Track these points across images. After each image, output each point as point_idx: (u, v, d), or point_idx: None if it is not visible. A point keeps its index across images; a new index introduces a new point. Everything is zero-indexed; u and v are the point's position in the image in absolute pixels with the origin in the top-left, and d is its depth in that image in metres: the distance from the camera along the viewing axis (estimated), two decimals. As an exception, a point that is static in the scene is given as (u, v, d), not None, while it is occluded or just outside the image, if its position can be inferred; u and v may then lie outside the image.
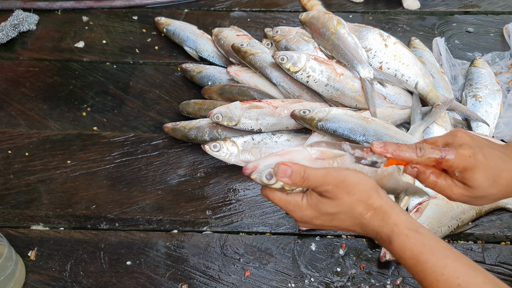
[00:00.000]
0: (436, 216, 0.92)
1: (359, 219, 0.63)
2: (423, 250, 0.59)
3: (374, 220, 0.62)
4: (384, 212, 0.62)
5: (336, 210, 0.62)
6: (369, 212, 0.62)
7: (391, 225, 0.61)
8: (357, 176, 0.62)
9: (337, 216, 0.63)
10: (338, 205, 0.62)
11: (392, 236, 0.61)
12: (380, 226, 0.62)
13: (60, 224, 0.99)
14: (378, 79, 1.12)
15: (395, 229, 0.61)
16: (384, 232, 0.62)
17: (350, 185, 0.61)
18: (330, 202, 0.62)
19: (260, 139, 1.07)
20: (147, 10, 1.53)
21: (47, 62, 1.36)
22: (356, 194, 0.62)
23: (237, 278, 0.90)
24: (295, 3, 1.53)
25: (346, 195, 0.61)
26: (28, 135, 1.16)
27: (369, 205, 0.62)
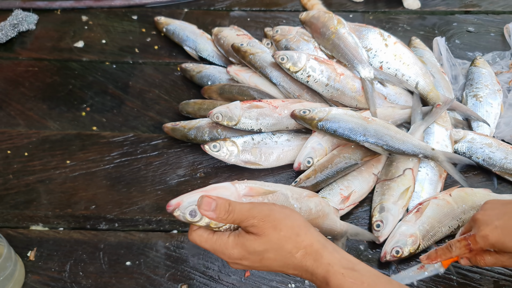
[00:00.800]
0: (437, 216, 0.92)
1: (290, 258, 0.60)
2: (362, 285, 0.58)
3: (306, 260, 0.60)
4: (315, 251, 0.60)
5: (263, 247, 0.60)
6: (300, 251, 0.60)
7: (325, 265, 0.59)
8: (283, 211, 0.61)
9: (266, 255, 0.60)
10: (265, 242, 0.59)
11: (328, 277, 0.59)
12: (313, 266, 0.60)
13: (60, 224, 0.99)
14: (379, 79, 1.12)
15: (330, 269, 0.59)
16: (319, 273, 0.59)
17: (276, 219, 0.59)
18: (257, 239, 0.59)
19: (260, 139, 1.07)
20: (146, 10, 1.52)
21: (46, 62, 1.36)
22: (283, 230, 0.59)
23: (237, 278, 0.89)
24: (295, 2, 1.52)
25: (273, 231, 0.59)
26: (27, 135, 1.16)
27: (298, 243, 0.60)
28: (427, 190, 1.00)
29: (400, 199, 0.96)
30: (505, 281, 0.86)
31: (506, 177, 1.02)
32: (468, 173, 1.05)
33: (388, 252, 0.88)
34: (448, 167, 1.00)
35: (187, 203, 0.59)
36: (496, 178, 1.03)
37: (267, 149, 1.06)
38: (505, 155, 1.02)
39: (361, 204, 1.00)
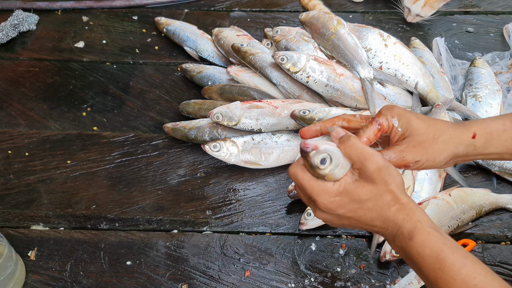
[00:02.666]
0: (436, 216, 0.92)
1: (385, 210, 0.63)
2: (444, 248, 0.60)
3: (399, 214, 0.62)
4: (409, 208, 0.63)
5: (368, 196, 0.62)
6: (396, 205, 0.62)
7: (415, 221, 0.62)
8: (396, 170, 0.63)
9: (365, 205, 0.63)
10: (372, 191, 0.62)
11: (414, 232, 0.61)
12: (403, 220, 0.62)
13: (60, 224, 0.99)
14: (378, 79, 1.12)
15: (418, 225, 0.61)
16: (406, 227, 0.62)
17: (390, 174, 0.62)
18: (366, 186, 0.62)
19: (260, 139, 1.07)
20: (147, 10, 1.53)
21: (47, 62, 1.36)
22: (391, 184, 0.62)
23: (237, 278, 0.90)
24: (295, 3, 1.53)
25: (383, 184, 0.62)
26: (28, 135, 1.16)
27: (398, 199, 0.62)
28: (427, 190, 1.00)
29: (400, 199, 0.96)
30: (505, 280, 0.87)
31: (506, 177, 1.02)
32: (468, 173, 1.05)
33: (387, 252, 0.89)
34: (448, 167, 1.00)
35: (324, 149, 0.61)
36: (495, 178, 1.03)
37: (267, 149, 1.06)
38: (504, 155, 1.02)
39: (360, 204, 1.00)
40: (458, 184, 1.00)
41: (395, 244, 0.64)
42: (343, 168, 0.62)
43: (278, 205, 1.01)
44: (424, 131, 0.68)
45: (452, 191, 0.97)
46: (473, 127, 0.71)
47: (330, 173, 0.61)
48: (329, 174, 0.61)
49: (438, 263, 0.59)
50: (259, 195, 1.03)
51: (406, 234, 0.62)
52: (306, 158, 0.61)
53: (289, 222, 0.98)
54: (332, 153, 0.61)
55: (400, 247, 0.63)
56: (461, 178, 1.00)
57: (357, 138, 0.63)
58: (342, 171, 0.62)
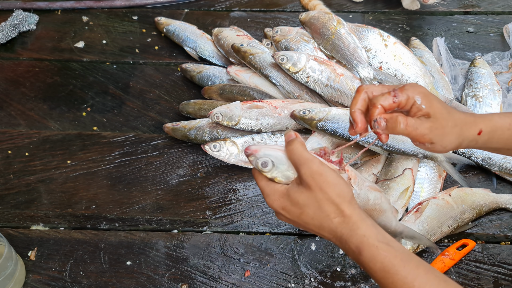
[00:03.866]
0: (436, 216, 0.92)
1: (326, 221, 0.62)
2: (395, 262, 0.59)
3: (342, 227, 0.62)
4: (353, 222, 0.61)
5: (305, 202, 0.62)
6: (338, 218, 0.62)
7: (360, 236, 0.61)
8: (336, 179, 0.62)
9: (305, 210, 0.62)
10: (308, 197, 0.62)
11: (362, 247, 0.60)
12: (348, 235, 0.61)
13: (60, 224, 0.99)
14: (378, 79, 1.12)
15: (364, 240, 0.60)
16: (353, 242, 0.61)
17: (325, 181, 0.61)
18: (303, 191, 0.62)
19: (260, 139, 1.07)
20: (147, 10, 1.53)
21: (47, 62, 1.36)
22: (328, 193, 0.61)
23: (237, 278, 0.90)
24: (295, 3, 1.53)
25: (319, 190, 0.61)
26: (28, 135, 1.16)
27: (340, 210, 0.61)
28: (427, 190, 1.00)
29: (400, 199, 0.96)
30: (504, 280, 0.87)
31: (506, 177, 1.02)
32: (468, 173, 1.05)
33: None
34: (448, 167, 1.00)
35: (263, 153, 0.64)
36: (495, 178, 1.03)
37: (267, 149, 1.06)
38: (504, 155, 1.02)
39: (360, 204, 1.00)
40: (458, 184, 1.00)
41: (349, 256, 0.63)
42: (289, 170, 0.64)
43: (278, 205, 1.01)
44: (446, 117, 0.67)
45: (452, 191, 0.97)
46: (481, 124, 0.70)
47: (275, 176, 0.64)
48: (276, 177, 0.64)
49: (390, 277, 0.59)
50: (259, 195, 1.03)
51: (355, 249, 0.61)
52: (250, 161, 0.65)
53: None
54: (274, 158, 0.64)
55: (353, 259, 0.62)
56: (461, 178, 1.00)
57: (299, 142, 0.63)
58: (288, 174, 0.64)
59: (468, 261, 0.90)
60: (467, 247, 0.91)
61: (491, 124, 0.70)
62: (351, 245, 0.61)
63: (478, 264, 0.89)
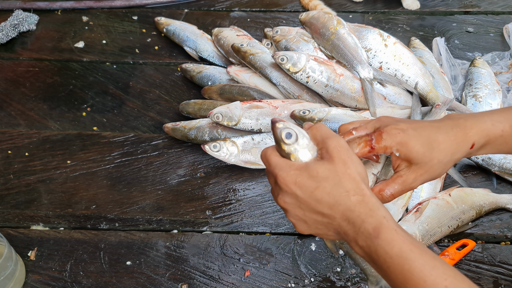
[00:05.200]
0: (436, 216, 0.92)
1: (344, 198, 0.58)
2: (413, 248, 0.56)
3: (361, 206, 0.58)
4: (373, 203, 0.58)
5: (325, 174, 0.58)
6: (357, 196, 0.58)
7: (380, 217, 0.57)
8: (358, 159, 0.61)
9: (322, 184, 0.58)
10: (330, 169, 0.59)
11: (381, 229, 0.56)
12: (366, 215, 0.57)
13: (60, 224, 0.99)
14: (378, 79, 1.12)
15: (384, 222, 0.57)
16: (372, 222, 0.57)
17: (350, 157, 0.60)
18: (324, 163, 0.59)
19: (260, 139, 1.07)
20: (147, 10, 1.53)
21: (47, 62, 1.36)
22: (350, 169, 0.59)
23: (237, 278, 0.90)
24: (295, 3, 1.53)
25: (342, 164, 0.59)
26: (28, 135, 1.17)
27: (360, 189, 0.59)
28: (427, 190, 1.00)
29: (400, 199, 0.96)
30: (504, 280, 0.87)
31: (506, 177, 1.02)
32: (468, 173, 1.05)
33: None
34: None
35: (290, 125, 0.62)
36: (495, 178, 1.03)
37: (267, 149, 1.06)
38: (505, 155, 1.02)
39: (360, 204, 1.00)
40: (458, 184, 1.00)
41: (358, 244, 0.59)
42: (309, 150, 0.62)
43: (278, 205, 1.01)
44: (429, 156, 0.65)
45: (452, 191, 0.97)
46: (474, 136, 0.67)
47: (294, 152, 0.61)
48: (294, 153, 0.61)
49: (407, 264, 0.55)
50: (259, 195, 1.03)
51: (372, 231, 0.57)
52: (274, 130, 0.62)
53: (289, 222, 0.98)
54: (299, 132, 0.62)
55: (364, 246, 0.58)
56: (461, 178, 1.00)
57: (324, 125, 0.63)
58: (307, 153, 0.62)
59: (468, 261, 0.90)
60: (467, 247, 0.91)
61: (484, 133, 0.68)
62: (368, 226, 0.57)
63: (478, 264, 0.89)
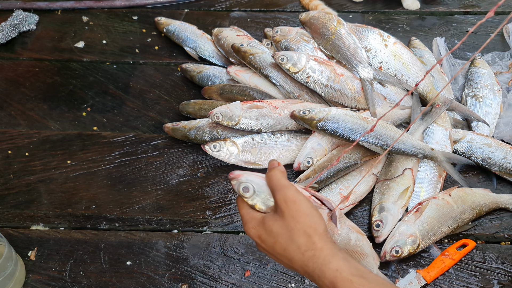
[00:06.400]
0: (436, 216, 0.92)
1: (297, 254, 0.61)
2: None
3: (314, 262, 0.60)
4: (324, 257, 0.60)
5: (278, 230, 0.61)
6: (309, 252, 0.60)
7: (333, 270, 0.59)
8: (309, 209, 0.62)
9: (278, 240, 0.62)
10: (281, 226, 0.61)
11: (336, 283, 0.59)
12: (321, 270, 0.60)
13: (60, 224, 0.99)
14: (378, 79, 1.12)
15: (338, 275, 0.59)
16: (327, 277, 0.59)
17: (298, 210, 0.61)
18: (277, 219, 0.62)
19: (260, 139, 1.07)
20: (147, 10, 1.53)
21: (47, 62, 1.36)
22: (300, 222, 0.60)
23: (237, 278, 0.90)
24: (295, 3, 1.53)
25: (291, 218, 0.61)
26: (28, 135, 1.16)
27: (311, 242, 0.60)
28: (427, 190, 1.00)
29: (400, 199, 0.96)
30: (504, 280, 0.87)
31: (506, 177, 1.02)
32: (468, 173, 1.05)
33: (387, 252, 0.89)
34: (448, 167, 1.00)
35: (245, 179, 0.65)
36: (495, 178, 1.03)
37: (267, 149, 1.06)
38: (505, 155, 1.02)
39: (360, 204, 1.00)
40: (458, 184, 1.00)
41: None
42: (270, 200, 0.64)
43: (278, 205, 1.01)
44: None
45: (452, 191, 0.97)
46: None
47: (256, 203, 0.64)
48: (256, 204, 0.64)
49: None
50: (259, 195, 1.03)
51: (329, 284, 0.59)
52: (232, 185, 0.65)
53: (289, 222, 0.98)
54: (255, 183, 0.64)
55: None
56: (461, 178, 1.00)
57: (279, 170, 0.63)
58: (269, 203, 0.64)
59: (468, 261, 0.90)
60: (467, 247, 0.91)
61: None
62: (325, 281, 0.59)
63: (478, 264, 0.89)
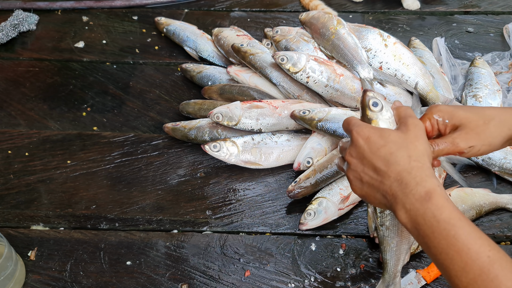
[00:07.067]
0: (436, 216, 0.92)
1: (405, 161, 0.62)
2: (462, 217, 0.58)
3: (418, 171, 0.62)
4: (430, 172, 0.63)
5: (395, 138, 0.64)
6: (417, 162, 0.62)
7: (435, 184, 0.61)
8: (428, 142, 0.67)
9: (389, 145, 0.64)
10: (400, 136, 0.64)
11: (433, 194, 0.60)
12: (422, 179, 0.61)
13: (60, 224, 0.99)
14: (378, 79, 1.12)
15: (437, 189, 0.60)
16: (426, 186, 0.60)
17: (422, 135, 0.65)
18: (397, 131, 0.66)
19: (260, 139, 1.07)
20: (147, 10, 1.53)
21: (47, 62, 1.36)
22: (419, 141, 0.64)
23: (237, 278, 0.90)
24: (295, 3, 1.53)
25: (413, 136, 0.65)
26: (28, 135, 1.16)
27: (422, 158, 0.64)
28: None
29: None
30: None
31: (506, 177, 1.02)
32: (468, 173, 1.05)
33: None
34: (447, 167, 1.00)
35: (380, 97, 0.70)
36: (495, 178, 1.04)
37: (267, 149, 1.06)
38: (505, 155, 1.02)
39: (360, 204, 1.00)
40: (458, 184, 0.99)
41: (404, 207, 0.61)
42: (390, 123, 0.69)
43: (278, 205, 1.01)
44: (474, 119, 0.70)
45: (452, 191, 0.97)
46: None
47: (376, 119, 0.69)
48: (375, 119, 0.69)
49: (453, 230, 0.57)
50: (259, 195, 1.03)
51: (424, 194, 0.60)
52: (364, 97, 0.70)
53: (289, 222, 0.98)
54: (385, 104, 0.69)
55: (411, 209, 0.60)
56: (461, 178, 1.00)
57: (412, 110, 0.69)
58: (387, 124, 0.69)
59: (468, 261, 0.90)
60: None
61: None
62: (421, 189, 0.60)
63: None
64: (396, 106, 0.71)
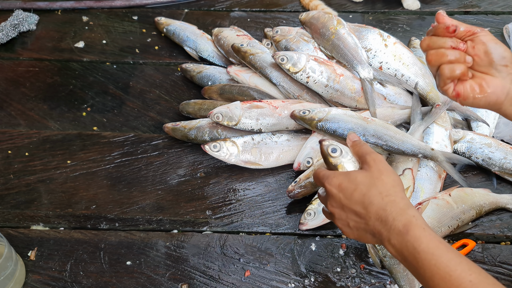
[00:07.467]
0: (436, 216, 0.92)
1: (378, 199, 0.65)
2: (439, 245, 0.61)
3: (392, 206, 0.64)
4: (404, 203, 0.65)
5: (362, 179, 0.67)
6: (389, 197, 0.65)
7: (410, 216, 0.63)
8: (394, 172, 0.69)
9: (359, 187, 0.66)
10: (367, 176, 0.67)
11: (410, 226, 0.62)
12: (397, 213, 0.63)
13: (60, 224, 0.99)
14: (378, 79, 1.12)
15: (413, 220, 0.63)
16: (402, 220, 0.63)
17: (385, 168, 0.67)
18: (363, 172, 0.68)
19: (260, 139, 1.07)
20: (147, 10, 1.53)
21: (47, 62, 1.36)
22: (384, 175, 0.66)
23: (237, 278, 0.90)
24: (295, 3, 1.53)
25: (377, 172, 0.67)
26: (28, 135, 1.16)
27: (394, 191, 0.65)
28: (427, 190, 1.00)
29: (400, 199, 0.96)
30: (504, 280, 0.87)
31: (506, 177, 1.02)
32: (468, 173, 1.05)
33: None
34: (448, 167, 1.00)
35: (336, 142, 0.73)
36: (495, 178, 1.03)
37: (267, 149, 1.06)
38: (505, 155, 1.02)
39: (360, 204, 1.00)
40: (458, 184, 1.00)
41: (391, 243, 0.64)
42: (353, 162, 0.72)
43: (278, 205, 1.01)
44: None
45: (452, 191, 0.97)
46: None
47: (340, 163, 0.72)
48: (340, 164, 0.72)
49: (434, 259, 0.60)
50: (259, 195, 1.03)
51: (402, 228, 0.62)
52: (321, 147, 0.73)
53: (289, 222, 0.98)
54: (343, 147, 0.72)
55: (396, 244, 0.63)
56: (461, 178, 1.00)
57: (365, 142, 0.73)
58: (351, 165, 0.72)
59: (468, 261, 0.90)
60: (467, 247, 0.91)
61: None
62: (398, 223, 0.63)
63: (478, 264, 0.89)
64: (351, 141, 0.73)
